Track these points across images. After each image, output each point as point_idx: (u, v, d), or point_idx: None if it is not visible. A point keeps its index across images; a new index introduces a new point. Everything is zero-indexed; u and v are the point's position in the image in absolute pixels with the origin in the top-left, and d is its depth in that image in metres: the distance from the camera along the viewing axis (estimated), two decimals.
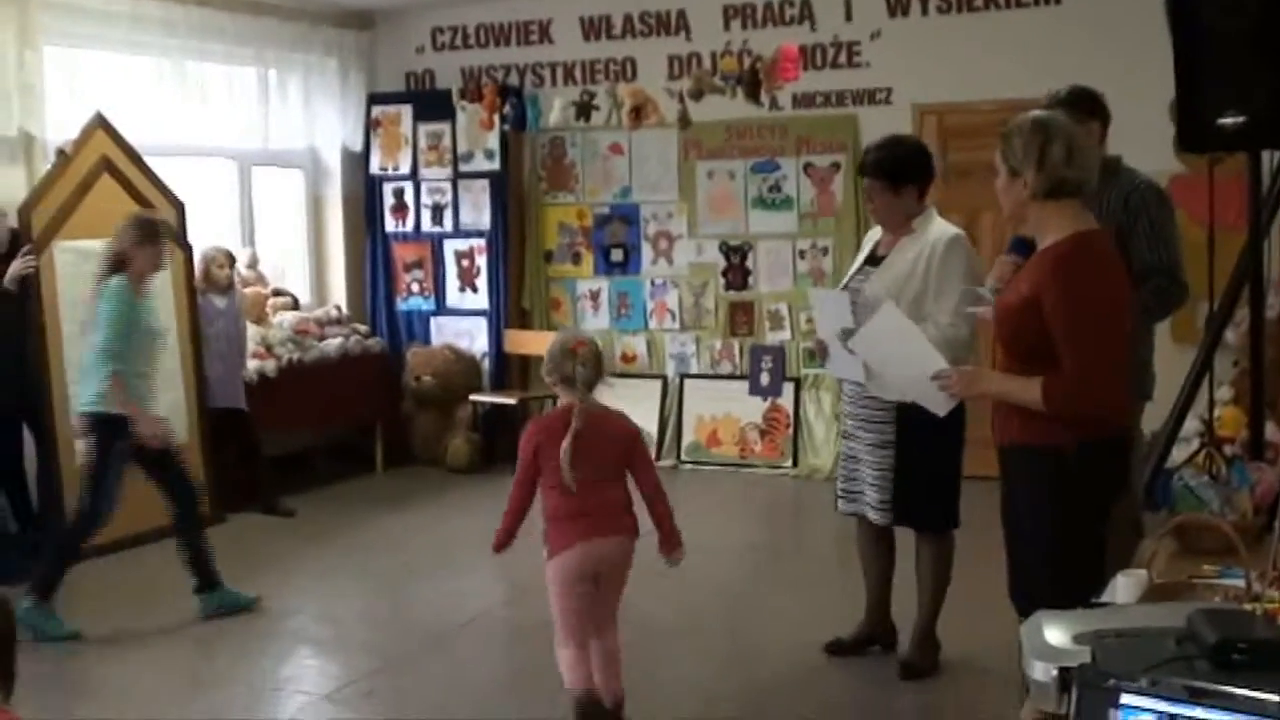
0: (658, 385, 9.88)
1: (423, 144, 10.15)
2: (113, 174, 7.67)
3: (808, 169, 9.30)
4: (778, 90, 8.69)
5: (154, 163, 8.02)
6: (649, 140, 9.67)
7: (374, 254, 10.34)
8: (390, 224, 10.29)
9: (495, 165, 9.97)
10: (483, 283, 10.11)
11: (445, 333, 10.24)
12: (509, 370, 10.09)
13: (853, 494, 5.43)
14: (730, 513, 8.61)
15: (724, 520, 8.47)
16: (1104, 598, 3.05)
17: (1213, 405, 6.09)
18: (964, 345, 4.92)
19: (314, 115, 9.94)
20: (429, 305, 10.28)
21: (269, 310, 9.28)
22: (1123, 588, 3.06)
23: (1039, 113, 3.76)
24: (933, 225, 5.21)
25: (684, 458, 9.71)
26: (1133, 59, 6.21)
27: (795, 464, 9.32)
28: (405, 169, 10.21)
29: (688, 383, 9.82)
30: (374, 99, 10.31)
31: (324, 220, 10.37)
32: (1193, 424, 6.08)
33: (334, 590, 6.95)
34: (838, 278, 7.60)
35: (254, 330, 8.80)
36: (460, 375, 9.95)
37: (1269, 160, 5.34)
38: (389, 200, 10.27)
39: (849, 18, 9.13)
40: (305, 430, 8.94)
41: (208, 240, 8.53)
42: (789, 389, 9.21)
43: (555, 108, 9.40)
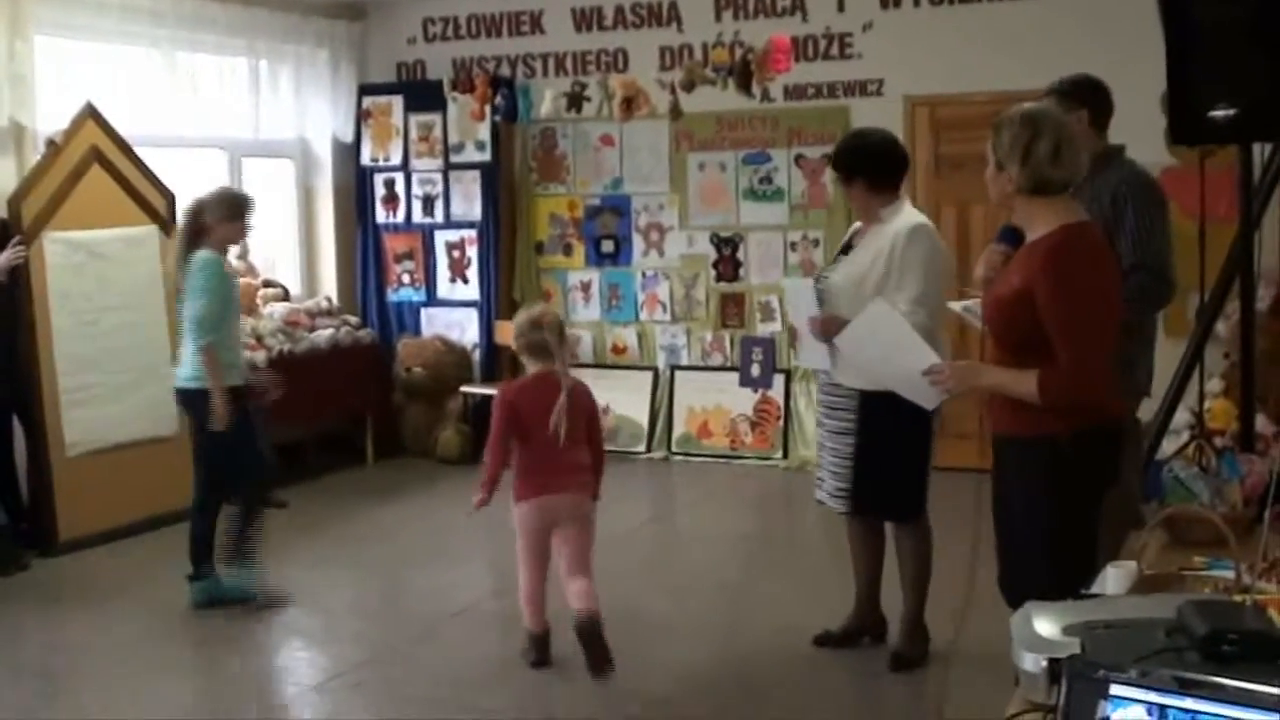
0: (648, 377, 9.88)
1: (414, 135, 10.14)
2: (103, 164, 7.66)
3: (799, 160, 9.30)
4: (769, 82, 8.70)
5: (145, 153, 8.01)
6: (640, 131, 9.66)
7: (365, 245, 10.33)
8: (381, 215, 10.28)
9: (486, 156, 9.96)
10: (473, 274, 10.11)
11: (436, 324, 10.23)
12: (500, 362, 10.07)
13: (822, 480, 5.48)
14: (721, 504, 8.62)
15: (715, 511, 8.49)
16: (1094, 589, 3.05)
17: (1203, 397, 6.11)
18: (924, 333, 4.93)
19: (305, 106, 9.92)
20: (420, 296, 10.27)
21: (259, 301, 9.26)
22: (1113, 579, 3.06)
23: (1030, 106, 3.75)
24: (900, 216, 5.23)
25: (675, 449, 9.72)
26: (1125, 51, 6.20)
27: (785, 455, 9.33)
28: (396, 160, 10.20)
29: (678, 374, 9.83)
30: (365, 90, 10.30)
31: (315, 211, 10.35)
32: (1183, 416, 6.10)
33: (324, 581, 6.95)
34: None
35: (244, 321, 8.77)
36: (451, 366, 9.95)
37: (1260, 152, 5.35)
38: (380, 191, 10.26)
39: (841, 9, 9.13)
40: (295, 421, 8.91)
41: None
42: (779, 381, 9.21)
43: (546, 99, 9.39)
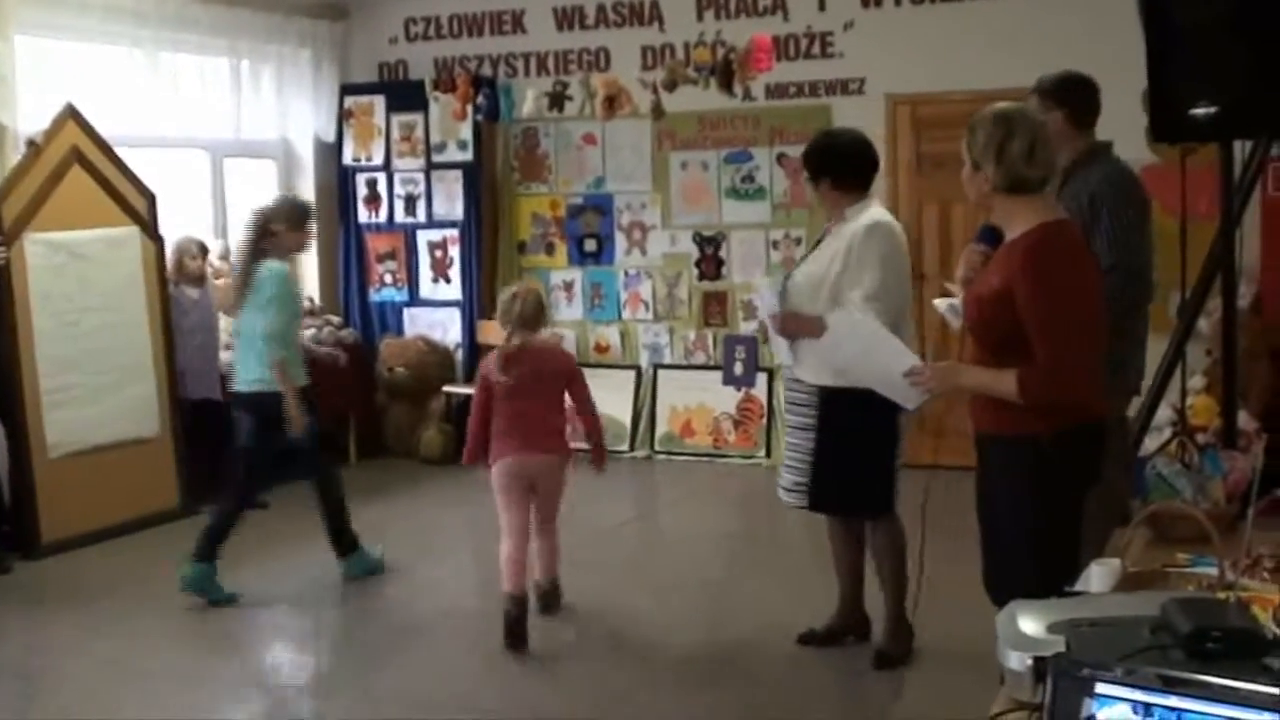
0: (631, 376, 9.88)
1: (396, 135, 10.12)
2: (84, 165, 7.63)
3: (781, 159, 9.30)
4: (751, 81, 8.71)
5: (126, 153, 7.99)
6: (622, 131, 9.65)
7: (347, 245, 10.31)
8: (363, 215, 10.27)
9: (468, 156, 9.95)
10: (456, 273, 10.10)
11: (418, 324, 10.22)
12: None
13: (782, 476, 5.51)
14: (704, 503, 8.63)
15: (698, 510, 8.50)
16: (1078, 587, 3.06)
17: (1185, 394, 6.13)
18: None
19: (287, 106, 9.89)
20: (402, 296, 10.26)
21: None
22: (1096, 577, 3.07)
23: (1003, 106, 3.76)
24: (864, 214, 5.25)
25: (658, 448, 9.72)
26: (1107, 48, 6.21)
27: (769, 454, 9.33)
28: (378, 160, 10.19)
29: (661, 373, 9.83)
30: (347, 89, 10.28)
31: None
32: (1165, 413, 6.12)
33: (310, 582, 6.92)
34: None
35: (226, 322, 8.75)
36: (433, 366, 9.93)
37: (1240, 150, 5.37)
38: (362, 191, 10.24)
39: (822, 8, 9.14)
40: None
41: (180, 232, 8.48)
42: (762, 379, 9.20)
43: (528, 98, 9.39)
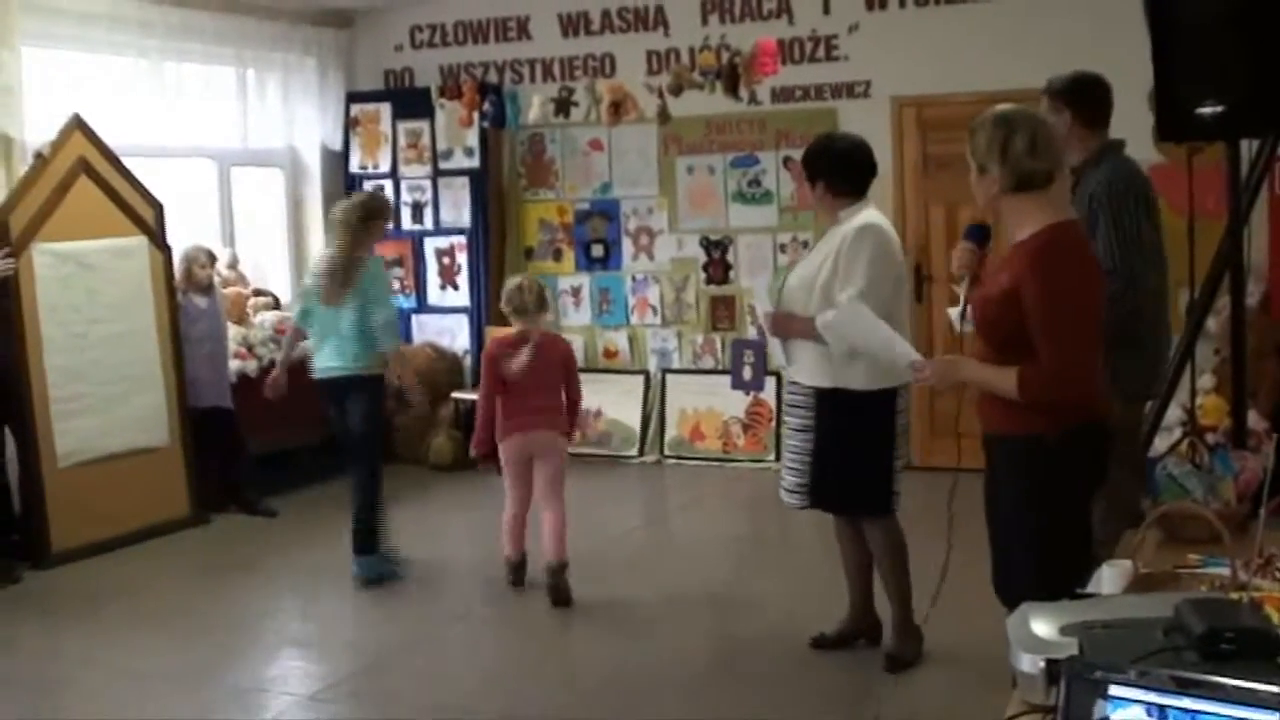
0: (640, 381, 9.87)
1: (402, 142, 10.12)
2: (91, 175, 7.64)
3: (787, 163, 9.27)
4: (756, 85, 8.70)
5: (133, 163, 7.99)
6: (628, 136, 9.66)
7: None
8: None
9: (475, 163, 9.95)
10: (463, 280, 10.10)
11: (427, 331, 10.23)
12: None
13: (783, 479, 5.51)
14: (714, 507, 8.63)
15: (708, 514, 8.49)
16: (1089, 588, 3.05)
17: (1194, 394, 6.12)
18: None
19: (293, 114, 9.90)
20: (410, 303, 10.25)
21: (250, 310, 9.24)
22: (1108, 578, 3.06)
23: (1002, 107, 3.78)
24: (857, 216, 5.25)
25: (667, 453, 9.71)
26: (1112, 49, 6.20)
27: (778, 458, 9.28)
28: (385, 167, 10.19)
29: (670, 378, 9.82)
30: (353, 97, 10.28)
31: (304, 219, 10.32)
32: (1175, 413, 6.11)
33: (317, 590, 6.92)
34: None
35: (235, 330, 8.76)
36: (442, 373, 9.94)
37: (1247, 148, 5.36)
38: None
39: (827, 11, 9.14)
40: (286, 430, 8.90)
41: (187, 241, 8.48)
42: (771, 383, 9.20)
43: (534, 104, 9.39)
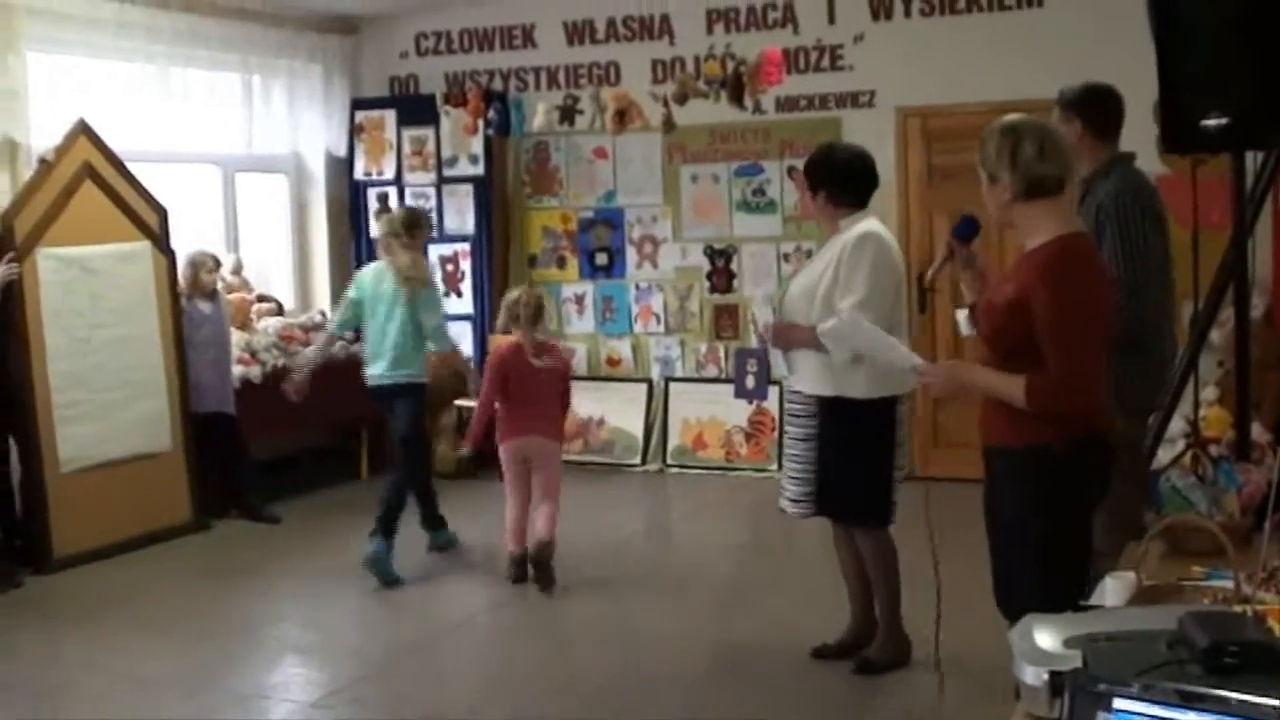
0: (643, 389, 9.87)
1: (407, 149, 10.13)
2: (96, 180, 7.65)
3: (791, 172, 9.28)
4: (761, 94, 8.70)
5: (138, 168, 8.01)
6: (633, 144, 9.66)
7: (358, 259, 10.27)
8: (374, 229, 10.24)
9: (479, 170, 9.95)
10: (467, 288, 10.10)
11: None
12: None
13: (785, 488, 5.53)
14: (716, 516, 8.62)
15: (710, 523, 8.49)
16: (1093, 600, 3.05)
17: (1198, 406, 6.11)
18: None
19: (298, 120, 9.91)
20: None
21: (253, 316, 9.24)
22: (1111, 590, 3.06)
23: (1009, 117, 3.80)
24: (857, 226, 5.25)
25: (670, 461, 9.71)
26: (1115, 61, 6.19)
27: (780, 467, 9.27)
28: (389, 174, 10.19)
29: (673, 386, 9.82)
30: (358, 104, 10.29)
31: (308, 225, 10.34)
32: (1179, 425, 6.10)
33: (319, 597, 6.93)
34: None
35: (238, 336, 8.76)
36: (446, 381, 9.90)
37: (1252, 160, 5.35)
38: (373, 205, 10.24)
39: (832, 21, 9.14)
40: (289, 436, 8.90)
41: (192, 246, 8.48)
42: (774, 392, 9.18)
43: (539, 112, 9.40)
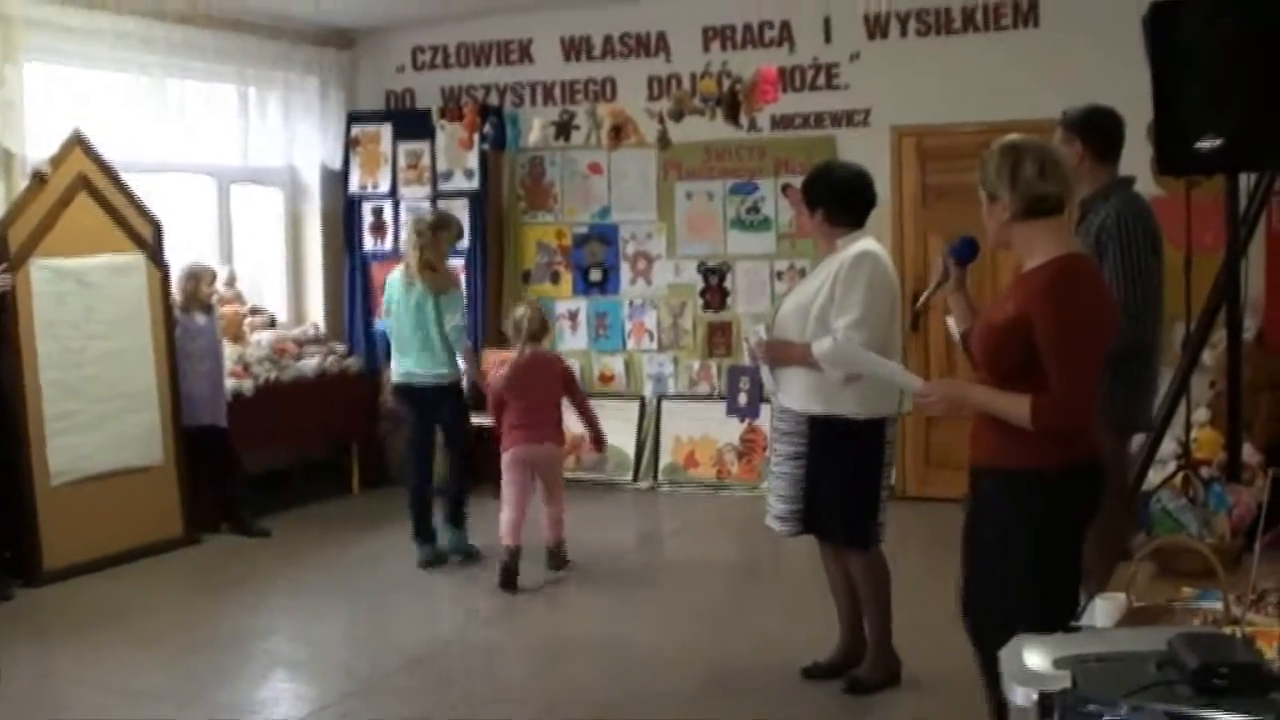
0: (635, 406, 9.87)
1: (402, 163, 10.12)
2: (90, 192, 7.65)
3: (786, 190, 9.29)
4: (757, 112, 8.69)
5: (133, 179, 8.01)
6: (628, 160, 9.66)
7: (352, 273, 10.30)
8: (369, 243, 10.25)
9: (474, 184, 9.94)
10: None
11: None
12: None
13: (771, 506, 5.49)
14: (707, 534, 8.61)
15: (701, 541, 8.48)
16: (1082, 621, 3.05)
17: (1189, 427, 6.12)
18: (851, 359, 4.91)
19: (293, 133, 9.90)
20: None
21: (246, 329, 9.24)
22: (1101, 611, 3.06)
23: (1010, 137, 3.81)
24: (854, 245, 5.25)
25: (661, 479, 9.70)
26: (1110, 82, 6.20)
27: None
28: (385, 188, 10.19)
29: (665, 404, 9.81)
30: (354, 117, 10.29)
31: (302, 238, 10.32)
32: (1170, 446, 6.11)
33: (310, 611, 6.91)
34: None
35: (231, 349, 8.75)
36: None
37: (1245, 182, 5.37)
38: (368, 219, 10.23)
39: (828, 40, 9.13)
40: (281, 450, 8.90)
41: (185, 258, 8.47)
42: (766, 410, 9.16)
43: (535, 127, 9.40)
